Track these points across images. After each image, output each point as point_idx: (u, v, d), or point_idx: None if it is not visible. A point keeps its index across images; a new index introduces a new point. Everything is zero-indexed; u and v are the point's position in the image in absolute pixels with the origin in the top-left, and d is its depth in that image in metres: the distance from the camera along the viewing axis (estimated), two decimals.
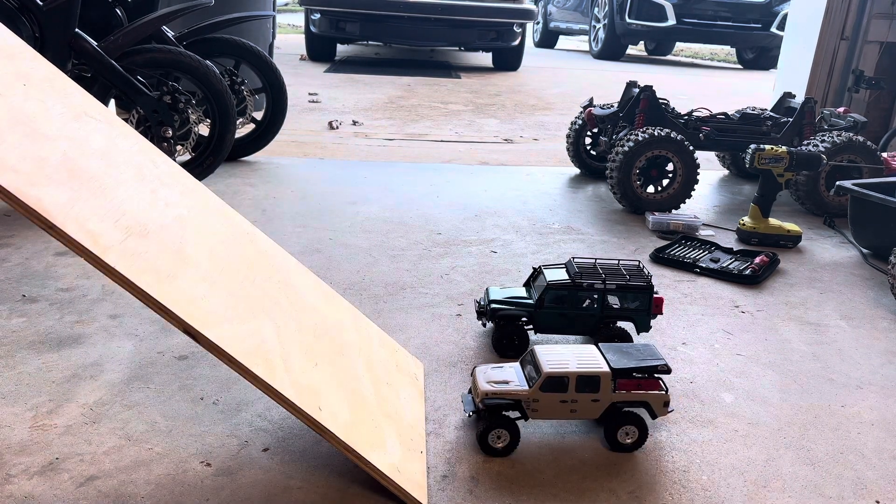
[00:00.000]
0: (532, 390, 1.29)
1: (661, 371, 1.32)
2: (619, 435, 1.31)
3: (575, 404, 1.29)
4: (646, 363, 1.32)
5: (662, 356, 1.35)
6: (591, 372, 1.28)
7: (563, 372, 1.28)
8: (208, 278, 1.18)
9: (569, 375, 1.28)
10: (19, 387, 1.42)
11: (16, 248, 2.10)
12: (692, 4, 8.88)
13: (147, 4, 2.91)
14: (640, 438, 1.32)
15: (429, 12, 6.91)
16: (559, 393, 1.28)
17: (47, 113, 1.19)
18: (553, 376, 1.28)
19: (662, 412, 1.32)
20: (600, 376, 1.29)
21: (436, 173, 3.34)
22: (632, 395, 1.30)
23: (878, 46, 3.94)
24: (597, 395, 1.29)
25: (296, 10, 15.69)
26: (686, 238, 2.52)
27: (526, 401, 1.29)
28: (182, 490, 1.16)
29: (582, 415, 1.31)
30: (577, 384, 1.28)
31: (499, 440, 1.28)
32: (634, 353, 1.35)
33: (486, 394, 1.29)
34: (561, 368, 1.28)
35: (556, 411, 1.30)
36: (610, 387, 1.30)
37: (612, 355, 1.33)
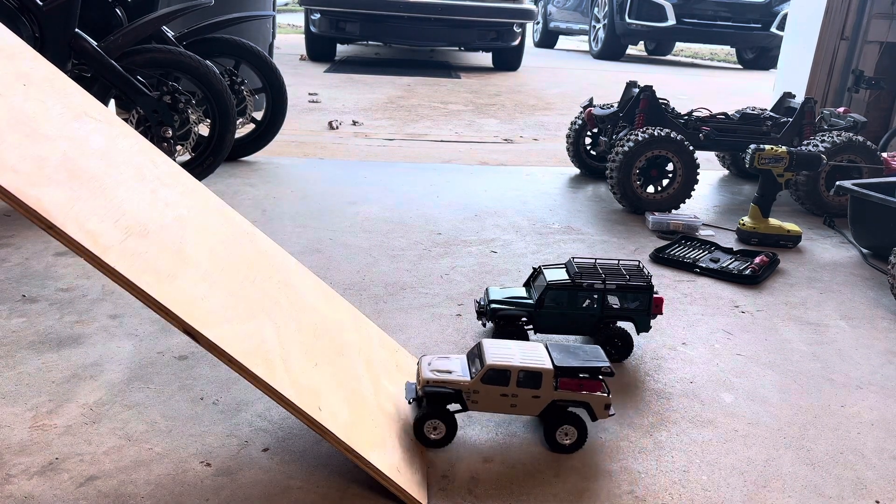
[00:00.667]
0: (473, 381, 1.27)
1: (604, 373, 1.31)
2: (557, 434, 1.31)
3: (515, 399, 1.28)
4: (590, 364, 1.31)
5: (608, 359, 1.34)
6: (533, 368, 1.28)
7: (505, 365, 1.27)
8: (208, 278, 1.18)
9: (511, 369, 1.27)
10: (19, 387, 1.42)
11: (16, 248, 2.10)
12: (692, 4, 8.88)
13: (147, 4, 2.91)
14: (579, 440, 1.31)
15: (429, 12, 6.91)
16: (500, 386, 1.27)
17: (47, 113, 1.19)
18: (495, 368, 1.27)
19: (603, 415, 1.31)
20: (542, 373, 1.28)
21: (436, 173, 3.34)
22: (573, 394, 1.30)
23: (878, 46, 3.94)
24: (538, 392, 1.28)
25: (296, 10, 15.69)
26: (686, 238, 2.52)
27: (466, 391, 1.28)
28: (182, 490, 1.16)
29: (522, 410, 1.30)
30: (518, 379, 1.27)
31: (434, 431, 1.27)
32: (581, 353, 1.34)
33: (428, 381, 1.28)
34: (504, 361, 1.28)
35: (496, 404, 1.29)
36: (552, 384, 1.29)
37: (557, 354, 1.33)
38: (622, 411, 1.47)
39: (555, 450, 1.32)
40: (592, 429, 1.40)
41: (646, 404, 1.51)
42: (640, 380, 1.60)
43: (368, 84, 6.10)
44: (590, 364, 1.31)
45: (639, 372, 1.64)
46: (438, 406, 1.28)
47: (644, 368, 1.66)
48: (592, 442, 1.37)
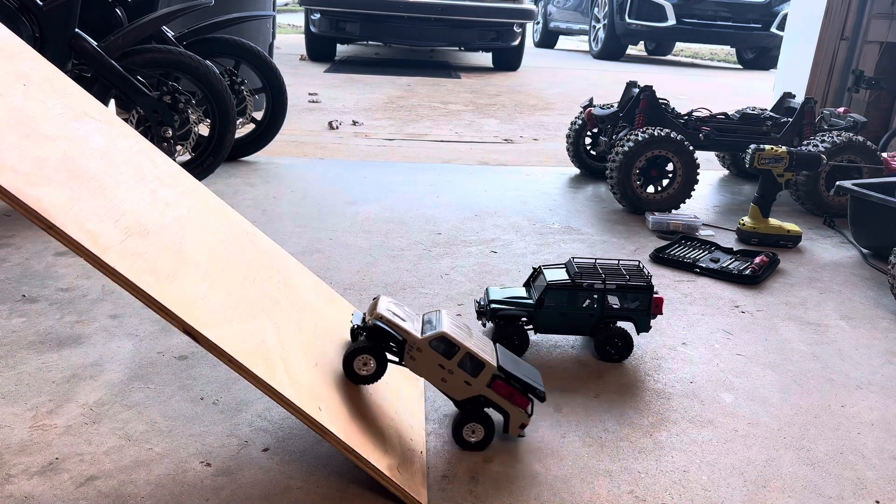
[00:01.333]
0: (422, 339, 1.26)
1: (537, 395, 1.31)
2: (465, 430, 1.30)
3: (450, 376, 1.27)
4: (529, 381, 1.31)
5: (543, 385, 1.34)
6: (480, 356, 1.27)
7: (457, 340, 1.26)
8: (208, 278, 1.18)
9: (460, 346, 1.26)
10: (19, 387, 1.42)
11: (16, 248, 2.10)
12: (692, 4, 8.88)
13: (147, 4, 2.91)
14: (484, 441, 1.31)
15: (429, 12, 6.91)
16: (443, 357, 1.26)
17: (47, 113, 1.19)
18: (447, 338, 1.26)
19: (515, 431, 1.32)
20: (485, 365, 1.28)
21: (436, 173, 3.34)
22: (500, 398, 1.30)
23: (878, 46, 3.93)
24: (472, 380, 1.28)
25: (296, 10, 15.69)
26: (686, 238, 2.52)
27: (411, 345, 1.26)
28: (182, 490, 1.16)
29: (448, 389, 1.29)
30: (462, 359, 1.27)
31: (364, 367, 1.25)
32: (524, 369, 1.34)
33: (381, 317, 1.26)
34: (458, 337, 1.27)
35: (429, 371, 1.27)
36: (487, 380, 1.28)
37: (504, 357, 1.33)
38: (622, 411, 1.48)
39: (458, 442, 1.31)
40: (592, 428, 1.40)
41: (646, 404, 1.51)
42: (640, 380, 1.61)
43: (368, 84, 6.10)
44: (529, 381, 1.31)
45: (639, 372, 1.64)
46: (379, 344, 1.26)
47: (644, 368, 1.66)
48: (592, 442, 1.37)
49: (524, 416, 1.32)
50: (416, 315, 1.35)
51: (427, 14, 6.92)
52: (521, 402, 1.31)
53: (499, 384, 1.29)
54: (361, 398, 1.27)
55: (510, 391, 1.30)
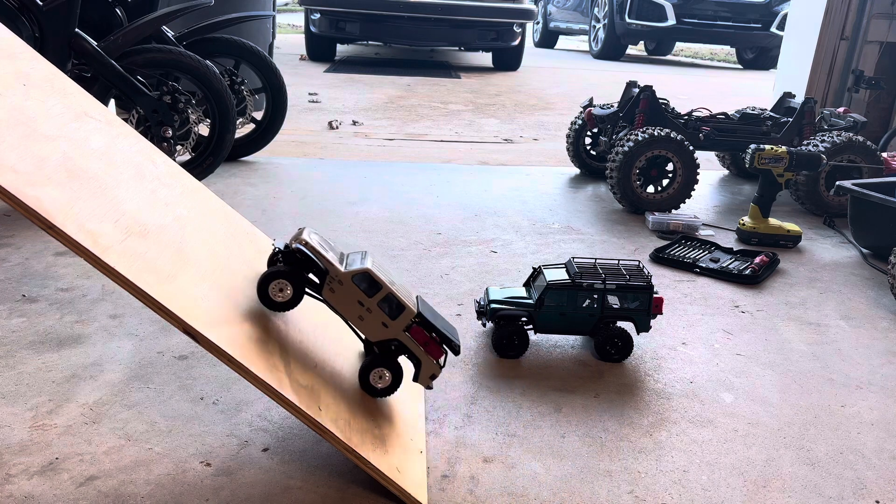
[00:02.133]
0: (346, 272, 1.22)
1: (451, 347, 1.28)
2: (372, 375, 1.27)
3: (368, 314, 1.23)
4: (447, 332, 1.28)
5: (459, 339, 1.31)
6: (402, 300, 1.24)
7: (381, 279, 1.23)
8: (208, 278, 1.18)
9: (383, 286, 1.23)
10: (19, 387, 1.42)
11: (16, 248, 2.10)
12: (692, 4, 8.88)
13: (147, 4, 2.91)
14: (390, 387, 1.28)
15: (429, 12, 6.91)
16: (363, 294, 1.22)
17: (47, 113, 1.19)
18: (371, 276, 1.22)
19: (425, 381, 1.28)
20: (406, 308, 1.24)
21: (436, 173, 3.34)
22: (415, 344, 1.26)
23: (878, 46, 3.94)
24: (389, 322, 1.24)
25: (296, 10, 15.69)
26: (686, 238, 2.52)
27: (332, 277, 1.21)
28: (182, 490, 1.16)
29: (363, 328, 1.25)
30: (383, 299, 1.23)
31: (280, 293, 1.21)
32: (443, 322, 1.31)
33: (305, 243, 1.22)
34: (383, 277, 1.24)
35: (347, 307, 1.23)
36: (405, 325, 1.25)
37: (425, 308, 1.29)
38: (622, 411, 1.48)
39: (364, 387, 1.28)
40: (592, 428, 1.40)
41: (646, 404, 1.51)
42: (640, 380, 1.61)
43: (368, 84, 6.10)
44: (447, 332, 1.28)
45: (639, 372, 1.64)
46: (300, 270, 1.22)
47: (644, 368, 1.66)
48: (592, 442, 1.37)
49: (436, 367, 1.28)
50: (341, 250, 1.30)
51: (427, 14, 6.92)
52: (435, 352, 1.27)
53: (416, 330, 1.26)
54: (362, 398, 1.27)
55: (426, 339, 1.26)
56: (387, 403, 1.32)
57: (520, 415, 1.44)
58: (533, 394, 1.52)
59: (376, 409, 1.28)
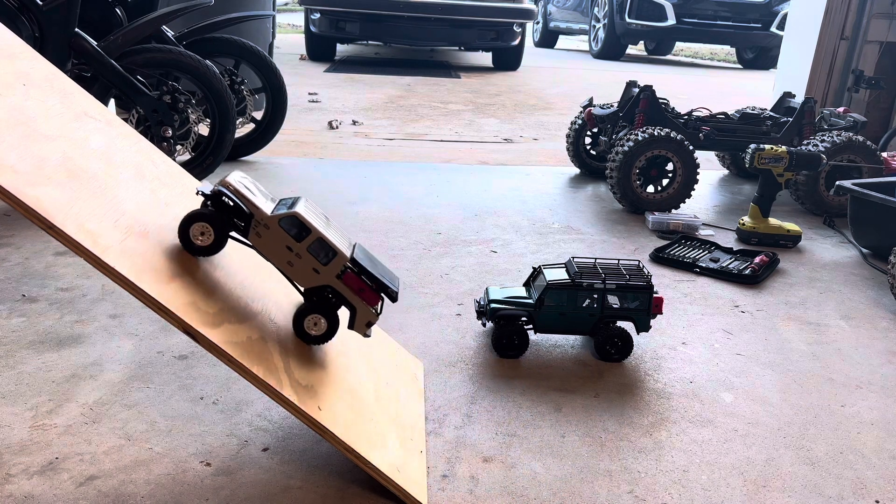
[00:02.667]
0: (272, 216, 1.16)
1: (388, 294, 1.23)
2: (306, 322, 1.23)
3: (297, 260, 1.18)
4: (383, 279, 1.23)
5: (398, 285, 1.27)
6: (334, 244, 1.19)
7: (310, 223, 1.17)
8: (208, 278, 1.18)
9: (312, 230, 1.17)
10: (19, 387, 1.42)
11: (16, 248, 2.10)
12: (692, 4, 8.88)
13: (147, 4, 2.91)
14: (326, 335, 1.24)
15: (429, 12, 6.91)
16: (292, 238, 1.17)
17: (47, 113, 1.19)
18: (299, 219, 1.16)
19: (361, 329, 1.24)
20: (337, 253, 1.19)
21: (436, 173, 3.34)
22: (348, 290, 1.21)
23: (878, 46, 3.93)
24: (320, 268, 1.19)
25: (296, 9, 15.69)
26: (686, 238, 2.52)
27: (259, 221, 1.16)
28: (182, 490, 1.16)
29: (294, 274, 1.20)
30: (313, 244, 1.18)
31: (200, 237, 1.16)
32: (381, 269, 1.26)
33: (228, 185, 1.16)
34: (313, 222, 1.18)
35: (275, 252, 1.18)
36: (337, 270, 1.20)
37: (361, 254, 1.24)
38: (622, 411, 1.48)
39: (299, 334, 1.24)
40: (592, 428, 1.40)
41: (646, 404, 1.51)
42: (640, 380, 1.61)
43: (368, 84, 6.10)
44: (383, 279, 1.23)
45: (639, 372, 1.64)
46: (224, 216, 1.17)
47: (644, 368, 1.66)
48: (592, 442, 1.37)
49: (372, 315, 1.23)
50: (272, 197, 1.25)
51: (427, 14, 6.92)
52: (370, 299, 1.22)
53: (349, 276, 1.21)
54: (361, 399, 1.27)
55: (361, 285, 1.21)
56: (387, 403, 1.32)
57: (520, 415, 1.44)
58: (533, 394, 1.52)
59: (376, 410, 1.28)
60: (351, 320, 1.24)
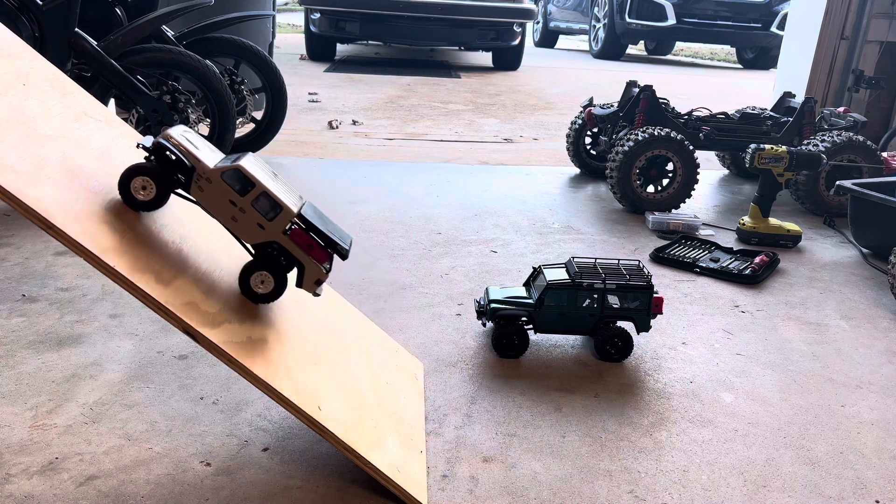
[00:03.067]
0: (214, 168, 1.12)
1: (338, 251, 1.20)
2: (252, 279, 1.19)
3: (241, 215, 1.14)
4: (332, 235, 1.19)
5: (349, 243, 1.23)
6: (279, 199, 1.14)
7: (254, 177, 1.13)
8: (208, 278, 1.18)
9: (257, 183, 1.13)
10: (19, 387, 1.42)
11: (16, 248, 2.10)
12: (692, 4, 8.88)
13: (147, 4, 2.91)
14: (273, 293, 1.20)
15: (429, 12, 6.91)
16: (236, 192, 1.13)
17: (47, 113, 1.19)
18: (242, 172, 1.12)
19: (311, 287, 1.20)
20: (283, 208, 1.15)
21: (436, 173, 3.34)
22: (295, 247, 1.17)
23: (878, 46, 3.93)
24: (265, 223, 1.15)
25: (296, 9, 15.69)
26: (686, 238, 2.52)
27: (201, 174, 1.12)
28: (182, 490, 1.16)
29: (238, 230, 1.16)
30: (257, 198, 1.14)
31: (143, 190, 1.12)
32: (331, 226, 1.22)
33: (169, 138, 1.13)
34: (259, 178, 1.14)
35: (218, 207, 1.14)
36: (284, 226, 1.16)
37: (311, 211, 1.21)
38: (622, 411, 1.48)
39: (244, 291, 1.21)
40: (592, 428, 1.40)
41: (646, 404, 1.51)
42: (640, 380, 1.61)
43: (368, 84, 6.10)
44: (332, 235, 1.20)
45: (639, 372, 1.64)
46: (165, 170, 1.13)
47: (644, 368, 1.66)
48: (592, 442, 1.37)
49: (321, 272, 1.20)
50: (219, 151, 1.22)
51: (427, 14, 6.92)
52: (319, 256, 1.19)
53: (297, 232, 1.17)
54: (361, 399, 1.27)
55: (309, 242, 1.18)
56: (387, 404, 1.32)
57: (520, 415, 1.44)
58: (533, 394, 1.52)
59: (376, 410, 1.28)
60: (299, 278, 1.20)
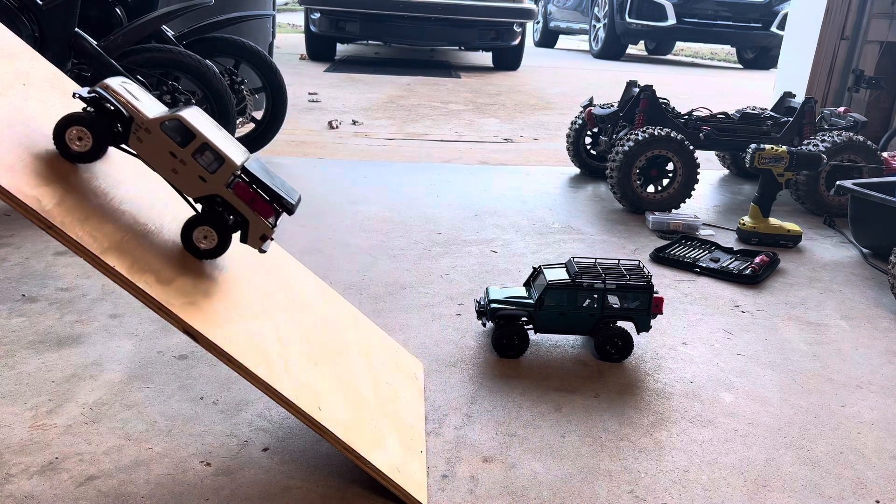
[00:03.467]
0: (153, 118, 1.09)
1: (283, 205, 1.17)
2: (195, 234, 1.16)
3: (182, 166, 1.10)
4: (277, 189, 1.16)
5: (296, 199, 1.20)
6: (221, 150, 1.11)
7: (195, 128, 1.10)
8: (208, 278, 1.18)
9: (198, 134, 1.10)
10: (19, 387, 1.42)
11: (16, 248, 2.10)
12: (692, 4, 8.88)
13: (147, 4, 2.91)
14: (216, 249, 1.17)
15: (429, 12, 6.91)
16: (176, 143, 1.10)
17: (47, 113, 1.19)
18: (183, 123, 1.09)
19: (256, 243, 1.17)
20: (226, 160, 1.11)
21: (436, 173, 3.33)
22: (238, 201, 1.14)
23: (878, 46, 3.93)
24: (207, 176, 1.11)
25: (296, 9, 15.68)
26: (686, 238, 2.51)
27: (139, 124, 1.09)
28: (182, 490, 1.16)
29: (179, 182, 1.12)
30: (198, 150, 1.10)
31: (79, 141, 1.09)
32: (278, 181, 1.19)
33: (106, 87, 1.10)
34: (200, 129, 1.10)
35: (158, 158, 1.10)
36: (226, 179, 1.12)
37: (256, 165, 1.17)
38: (622, 411, 1.47)
39: (186, 246, 1.17)
40: (592, 428, 1.40)
41: (646, 404, 1.51)
42: (640, 379, 1.61)
43: (368, 83, 6.10)
44: (277, 190, 1.16)
45: (639, 372, 1.64)
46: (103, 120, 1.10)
47: (644, 368, 1.66)
48: (592, 442, 1.37)
49: (266, 227, 1.17)
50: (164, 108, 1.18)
51: (427, 14, 6.92)
52: (263, 211, 1.16)
53: (240, 186, 1.14)
54: (361, 399, 1.27)
55: (252, 196, 1.15)
56: (387, 404, 1.32)
57: (520, 415, 1.44)
58: (533, 394, 1.52)
59: (376, 410, 1.27)
60: (244, 234, 1.17)
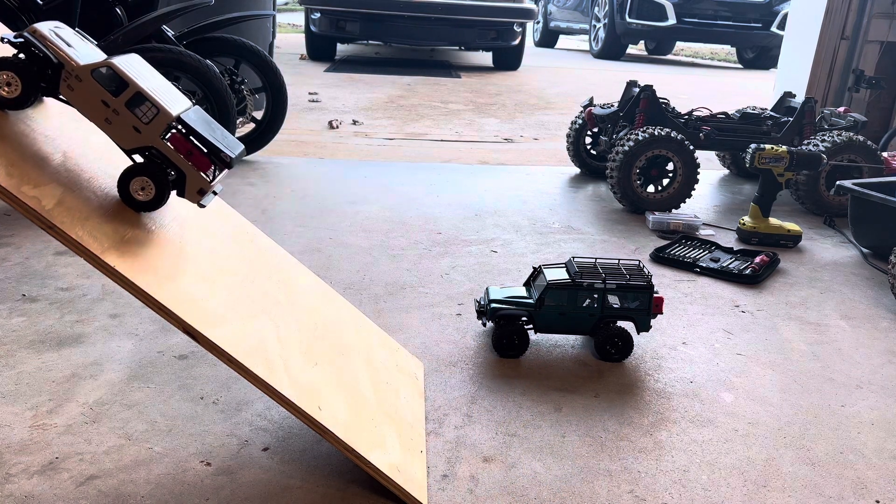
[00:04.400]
0: (83, 65, 1.05)
1: (221, 158, 1.12)
2: (132, 185, 1.12)
3: (115, 117, 1.07)
4: (216, 142, 1.11)
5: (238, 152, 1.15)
6: (155, 100, 1.07)
7: (127, 76, 1.06)
8: (208, 278, 1.18)
9: (131, 83, 1.06)
10: (19, 386, 1.42)
11: (16, 248, 2.10)
12: (692, 4, 8.88)
13: (147, 4, 2.91)
14: (154, 202, 1.13)
15: (429, 12, 6.91)
16: (108, 92, 1.06)
17: (47, 113, 1.19)
18: (115, 70, 1.06)
19: (193, 196, 1.12)
20: (160, 111, 1.07)
21: (436, 173, 3.33)
22: (174, 153, 1.09)
23: (879, 46, 3.93)
24: (141, 127, 1.08)
25: (296, 9, 15.68)
26: (686, 238, 2.51)
27: (70, 72, 1.05)
28: (182, 490, 1.16)
29: (112, 133, 1.09)
30: (132, 99, 1.07)
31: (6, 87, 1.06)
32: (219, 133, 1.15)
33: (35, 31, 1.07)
34: (131, 74, 1.07)
35: (90, 108, 1.07)
36: (161, 130, 1.08)
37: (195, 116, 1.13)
38: (622, 411, 1.48)
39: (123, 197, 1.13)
40: (592, 428, 1.40)
41: (646, 404, 1.51)
42: (640, 379, 1.61)
43: (368, 83, 6.10)
44: (216, 142, 1.11)
45: (639, 372, 1.64)
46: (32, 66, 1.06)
47: (644, 368, 1.66)
48: (592, 442, 1.37)
49: (203, 181, 1.12)
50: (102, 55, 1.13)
51: (427, 13, 6.92)
52: (200, 164, 1.11)
53: (176, 138, 1.10)
54: (362, 399, 1.27)
55: (189, 148, 1.10)
56: (387, 403, 1.32)
57: (520, 415, 1.44)
58: (533, 394, 1.52)
59: (376, 410, 1.27)
60: (180, 188, 1.13)
